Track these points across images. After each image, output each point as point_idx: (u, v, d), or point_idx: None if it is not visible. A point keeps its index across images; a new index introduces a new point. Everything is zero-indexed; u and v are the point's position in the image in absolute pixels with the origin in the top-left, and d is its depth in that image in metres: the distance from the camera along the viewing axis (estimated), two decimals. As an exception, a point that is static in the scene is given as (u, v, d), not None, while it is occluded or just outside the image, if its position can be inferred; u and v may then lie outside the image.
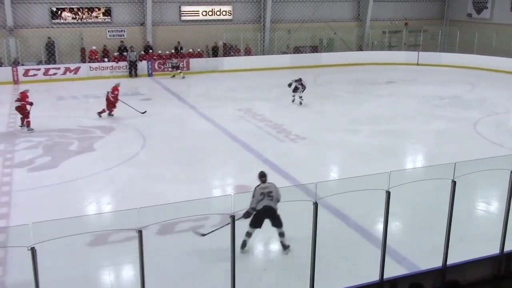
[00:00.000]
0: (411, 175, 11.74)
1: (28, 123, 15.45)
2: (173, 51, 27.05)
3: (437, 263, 6.84)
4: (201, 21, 28.59)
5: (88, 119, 16.81)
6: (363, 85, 23.92)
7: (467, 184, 7.38)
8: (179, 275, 7.58)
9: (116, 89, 17.27)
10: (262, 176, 8.11)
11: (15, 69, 23.63)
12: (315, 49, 31.28)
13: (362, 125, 16.53)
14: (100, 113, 17.01)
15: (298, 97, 19.05)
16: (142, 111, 17.25)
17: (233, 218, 5.57)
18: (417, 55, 30.45)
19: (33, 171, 12.14)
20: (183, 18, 28.25)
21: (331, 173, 12.50)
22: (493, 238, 7.28)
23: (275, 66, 27.59)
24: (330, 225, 8.86)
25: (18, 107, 15.63)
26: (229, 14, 29.19)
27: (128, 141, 14.64)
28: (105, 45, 26.28)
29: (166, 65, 26.21)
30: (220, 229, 7.52)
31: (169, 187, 10.93)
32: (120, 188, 11.25)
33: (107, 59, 25.86)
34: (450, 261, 6.76)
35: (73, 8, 25.91)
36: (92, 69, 25.04)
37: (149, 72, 26.02)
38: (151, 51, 26.86)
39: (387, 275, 6.47)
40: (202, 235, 8.10)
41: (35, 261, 4.88)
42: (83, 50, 25.98)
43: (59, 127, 15.86)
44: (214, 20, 28.79)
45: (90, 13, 26.26)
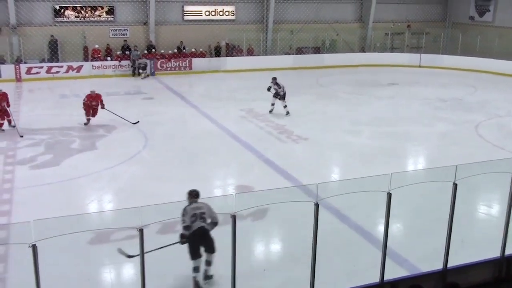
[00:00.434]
0: (412, 177, 11.73)
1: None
2: (176, 50, 27.10)
3: (438, 265, 6.85)
4: (204, 21, 28.63)
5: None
6: (365, 87, 23.92)
7: (468, 186, 7.39)
8: (179, 274, 7.58)
9: (90, 96, 15.95)
10: (193, 195, 7.20)
11: (17, 67, 23.67)
12: (317, 50, 31.30)
13: (363, 127, 16.53)
14: (86, 123, 16.01)
15: (282, 105, 17.60)
16: (134, 122, 16.22)
17: (234, 217, 5.59)
18: (419, 57, 30.45)
19: (35, 169, 12.16)
20: (186, 17, 28.29)
21: (333, 174, 12.50)
22: (494, 241, 7.28)
23: (277, 66, 27.59)
24: (331, 226, 8.87)
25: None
26: (232, 14, 29.23)
27: (130, 140, 14.66)
28: (108, 44, 26.32)
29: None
30: (156, 250, 6.88)
31: (170, 186, 10.93)
32: (121, 186, 11.27)
33: (110, 58, 25.91)
34: (450, 264, 6.77)
35: (76, 6, 25.96)
36: (94, 67, 25.06)
37: (151, 71, 26.04)
38: (154, 50, 26.89)
39: (388, 276, 6.47)
40: (128, 257, 6.90)
41: (36, 259, 4.90)
42: (85, 48, 26.04)
43: (61, 125, 15.88)
44: (217, 20, 28.83)
45: (93, 11, 26.30)
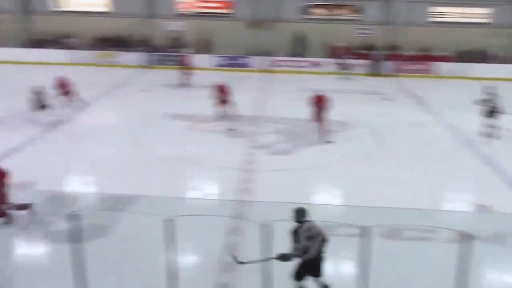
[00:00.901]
0: None
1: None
2: (419, 52, 26.22)
3: None
4: (451, 23, 27.02)
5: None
6: None
7: None
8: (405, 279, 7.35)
9: (317, 98, 14.28)
10: (304, 214, 6.38)
11: (267, 59, 25.76)
12: None
13: None
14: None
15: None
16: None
17: (469, 237, 5.17)
18: None
19: (273, 154, 13.11)
20: (432, 19, 27.12)
21: None
22: None
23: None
24: None
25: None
26: (487, 17, 26.92)
27: (363, 139, 14.72)
28: (351, 43, 26.78)
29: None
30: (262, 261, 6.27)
31: (399, 191, 10.66)
32: (350, 183, 11.40)
33: (352, 56, 26.32)
34: None
35: (324, 4, 26.98)
36: (338, 65, 25.72)
37: (393, 72, 25.68)
38: (397, 51, 26.46)
39: None
40: (239, 263, 6.61)
41: (268, 237, 5.23)
42: (329, 46, 26.91)
43: (299, 117, 16.76)
44: (466, 22, 26.91)
45: (340, 10, 27.01)
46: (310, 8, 27.03)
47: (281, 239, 6.09)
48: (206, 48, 26.91)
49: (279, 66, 25.76)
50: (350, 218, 8.87)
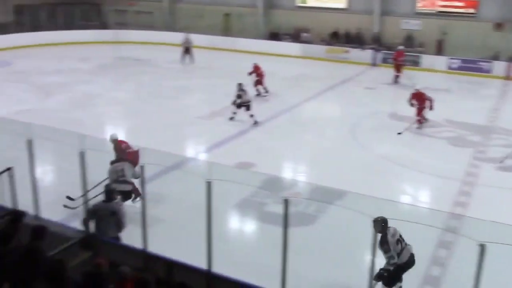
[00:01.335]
0: None
1: None
2: None
3: None
4: None
5: None
6: None
7: None
8: None
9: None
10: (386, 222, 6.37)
11: (510, 64, 23.25)
12: None
13: None
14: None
15: None
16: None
17: None
18: None
19: (500, 170, 11.81)
20: None
21: None
22: None
23: None
24: None
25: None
26: None
27: None
28: None
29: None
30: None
31: None
32: None
33: None
34: None
35: None
36: None
37: None
38: None
39: None
40: None
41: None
42: None
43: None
44: None
45: None
46: None
47: (496, 263, 5.45)
48: (438, 48, 25.47)
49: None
50: None
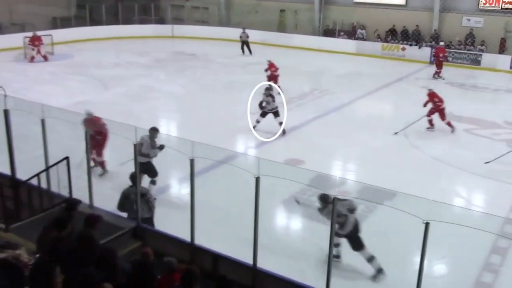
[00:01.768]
0: None
1: None
2: None
3: None
4: None
5: None
6: None
7: None
8: None
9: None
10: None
11: None
12: None
13: None
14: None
15: None
16: None
17: None
18: None
19: None
20: None
21: None
22: None
23: None
24: None
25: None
26: None
27: None
28: None
29: None
30: None
31: None
32: None
33: None
34: None
35: None
36: None
37: None
38: None
39: None
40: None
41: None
42: None
43: None
44: None
45: None
46: None
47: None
48: (501, 47, 24.32)
49: None
50: None
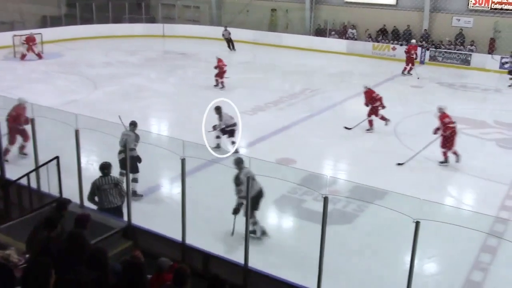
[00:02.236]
0: None
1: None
2: None
3: None
4: None
5: None
6: None
7: None
8: None
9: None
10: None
11: None
12: None
13: None
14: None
15: None
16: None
17: None
18: None
19: None
20: None
21: None
22: None
23: None
24: None
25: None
26: None
27: None
28: None
29: None
30: None
31: None
32: None
33: None
34: None
35: None
36: None
37: None
38: None
39: None
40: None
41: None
42: None
43: None
44: None
45: None
46: None
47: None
48: (491, 47, 24.48)
49: None
50: None
